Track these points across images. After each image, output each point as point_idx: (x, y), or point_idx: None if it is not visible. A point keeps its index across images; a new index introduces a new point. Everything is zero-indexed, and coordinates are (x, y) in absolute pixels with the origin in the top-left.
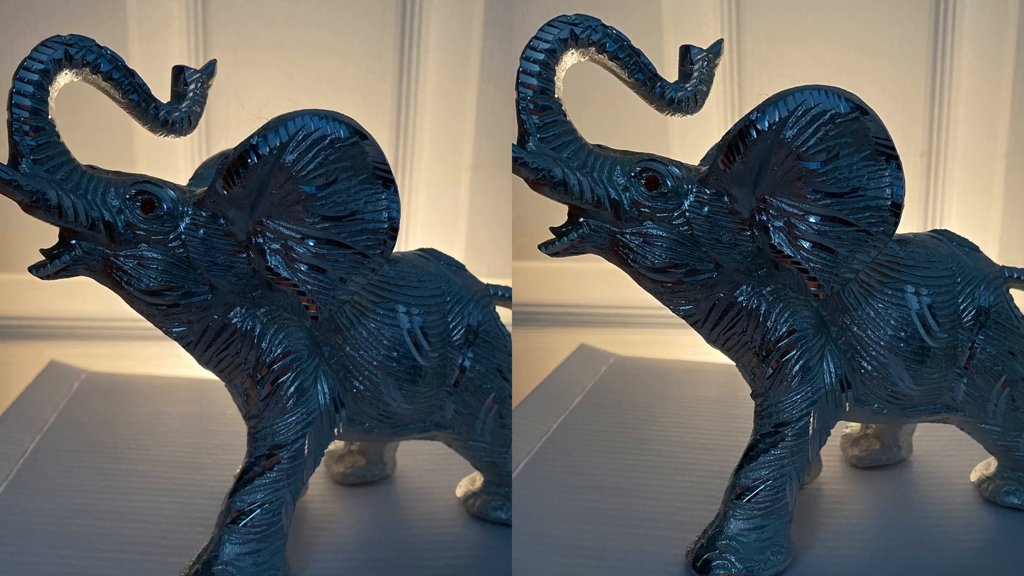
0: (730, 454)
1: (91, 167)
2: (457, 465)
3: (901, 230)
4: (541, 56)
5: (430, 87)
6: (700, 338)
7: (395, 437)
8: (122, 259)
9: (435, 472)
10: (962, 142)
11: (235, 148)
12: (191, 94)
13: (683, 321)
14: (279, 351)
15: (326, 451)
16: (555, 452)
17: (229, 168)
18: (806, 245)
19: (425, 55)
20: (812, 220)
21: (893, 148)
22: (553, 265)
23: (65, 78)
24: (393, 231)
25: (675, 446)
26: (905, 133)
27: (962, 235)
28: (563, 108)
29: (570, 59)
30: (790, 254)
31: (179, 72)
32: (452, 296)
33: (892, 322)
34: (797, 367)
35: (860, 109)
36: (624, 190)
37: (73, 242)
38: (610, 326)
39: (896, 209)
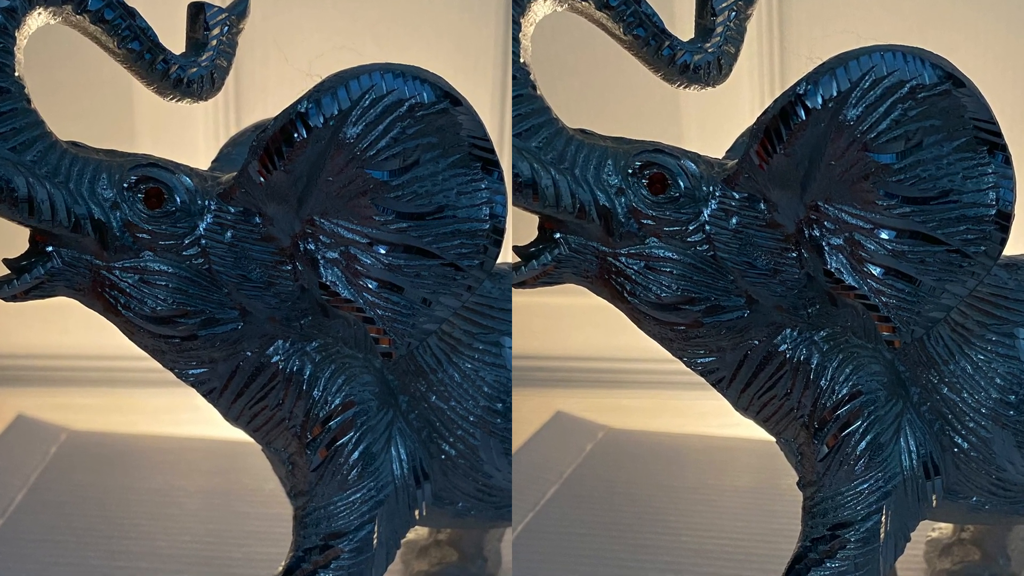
0: (768, 567)
1: (74, 144)
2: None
3: (1010, 249)
4: None
5: None
6: (726, 403)
7: (500, 522)
8: (118, 273)
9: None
10: None
11: (276, 118)
12: (214, 42)
13: (702, 379)
14: (338, 402)
15: (403, 541)
16: (521, 563)
17: (268, 145)
18: (876, 272)
19: None
20: (884, 236)
21: (1000, 135)
22: (518, 300)
23: (38, 19)
24: (497, 233)
25: (690, 555)
26: (1017, 114)
27: None
28: (532, 78)
29: (541, 8)
30: (853, 284)
31: (198, 12)
32: None
33: (998, 381)
34: (863, 445)
35: (953, 80)
36: (618, 194)
37: (50, 249)
38: (598, 386)
39: (1003, 220)
